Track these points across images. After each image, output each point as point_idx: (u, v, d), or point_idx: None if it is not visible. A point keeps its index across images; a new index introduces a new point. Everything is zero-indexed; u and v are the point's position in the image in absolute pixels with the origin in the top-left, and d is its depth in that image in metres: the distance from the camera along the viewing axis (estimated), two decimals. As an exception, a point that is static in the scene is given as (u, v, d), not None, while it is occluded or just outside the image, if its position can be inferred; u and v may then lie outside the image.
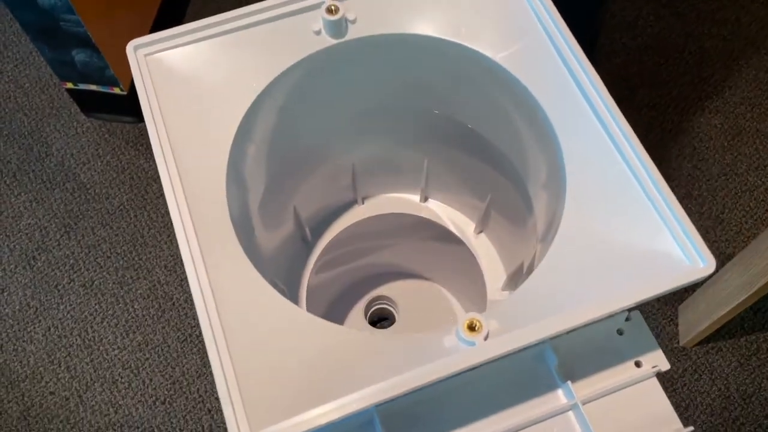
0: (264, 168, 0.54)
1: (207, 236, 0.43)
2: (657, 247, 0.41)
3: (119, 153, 1.52)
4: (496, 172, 0.59)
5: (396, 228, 0.74)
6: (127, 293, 1.38)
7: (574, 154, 0.44)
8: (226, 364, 0.38)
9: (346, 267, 0.84)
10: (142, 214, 1.46)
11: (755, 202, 1.45)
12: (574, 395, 0.45)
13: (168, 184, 0.44)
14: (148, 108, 0.46)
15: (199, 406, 1.28)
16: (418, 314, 0.90)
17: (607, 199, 0.43)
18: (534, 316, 0.38)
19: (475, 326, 0.38)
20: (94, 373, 1.31)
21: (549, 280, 0.41)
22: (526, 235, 0.56)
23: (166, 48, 0.49)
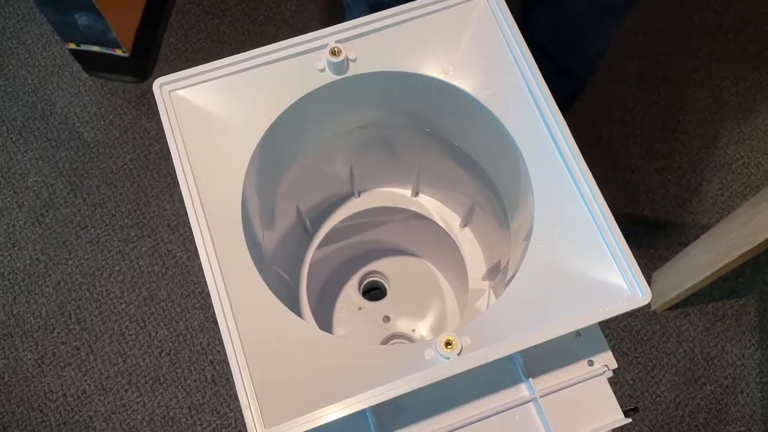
0: (274, 181, 0.61)
1: (226, 257, 0.50)
2: (606, 278, 0.48)
3: (122, 113, 1.56)
4: (479, 182, 0.65)
5: (389, 218, 0.81)
6: (132, 250, 1.45)
7: (542, 190, 0.51)
8: (245, 374, 0.46)
9: (342, 244, 0.91)
10: (145, 174, 1.51)
11: (732, 175, 1.52)
12: (534, 390, 0.54)
13: (191, 208, 0.50)
14: (173, 139, 0.52)
15: (202, 357, 1.38)
16: (408, 288, 0.98)
17: (567, 233, 0.50)
18: (501, 334, 0.46)
19: (451, 343, 0.46)
20: (103, 325, 1.40)
21: (514, 303, 0.48)
22: (505, 237, 0.63)
23: (188, 85, 0.54)
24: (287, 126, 0.55)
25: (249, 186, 0.54)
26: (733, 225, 1.08)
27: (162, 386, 1.36)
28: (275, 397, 0.45)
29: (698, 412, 1.34)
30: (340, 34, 0.55)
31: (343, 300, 0.96)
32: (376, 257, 0.96)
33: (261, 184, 0.57)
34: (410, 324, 0.96)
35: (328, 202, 0.77)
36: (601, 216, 0.49)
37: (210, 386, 1.36)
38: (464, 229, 0.77)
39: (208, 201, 0.51)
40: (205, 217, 0.50)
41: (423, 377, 0.45)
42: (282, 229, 0.72)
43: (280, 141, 0.56)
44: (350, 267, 0.97)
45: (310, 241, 0.77)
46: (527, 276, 0.49)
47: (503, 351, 0.46)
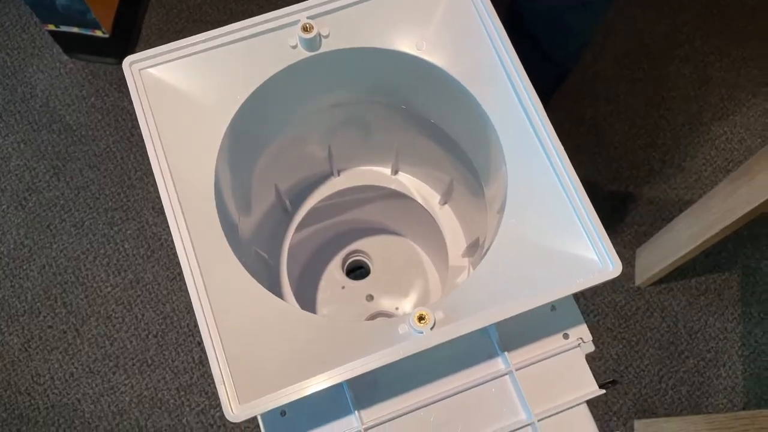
0: (249, 162, 0.61)
1: (200, 237, 0.50)
2: (577, 251, 0.48)
3: (103, 95, 1.55)
4: (455, 159, 0.65)
5: (370, 197, 0.81)
6: (117, 233, 1.45)
7: (515, 164, 0.51)
8: (218, 349, 0.46)
9: (324, 224, 0.91)
10: (128, 157, 1.50)
11: (716, 150, 1.53)
12: (510, 363, 0.54)
13: (163, 189, 0.50)
14: (143, 118, 0.52)
15: (189, 339, 1.38)
16: (391, 266, 0.98)
17: (540, 207, 0.50)
18: (474, 309, 0.46)
19: (424, 317, 0.46)
20: (89, 308, 1.40)
21: (488, 277, 0.48)
22: (482, 213, 0.63)
23: (158, 63, 0.54)
24: (260, 104, 0.55)
25: (222, 166, 0.54)
26: (715, 200, 1.09)
27: (150, 368, 1.36)
28: (249, 373, 0.46)
29: (681, 385, 1.36)
30: (312, 10, 0.54)
31: (327, 279, 0.96)
32: (359, 236, 0.97)
33: (235, 164, 0.57)
34: (393, 302, 0.96)
35: (307, 181, 0.77)
36: (573, 189, 0.50)
37: (198, 367, 1.37)
38: (444, 207, 0.77)
39: (181, 182, 0.50)
40: (177, 199, 0.49)
41: (395, 351, 0.45)
42: (261, 210, 0.72)
43: (253, 120, 0.56)
44: (333, 246, 0.97)
45: (290, 221, 0.77)
46: (500, 249, 0.49)
47: (476, 324, 0.46)
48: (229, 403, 0.45)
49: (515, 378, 0.54)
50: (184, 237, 0.50)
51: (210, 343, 0.47)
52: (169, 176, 0.51)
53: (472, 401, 0.54)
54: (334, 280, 0.97)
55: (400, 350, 0.45)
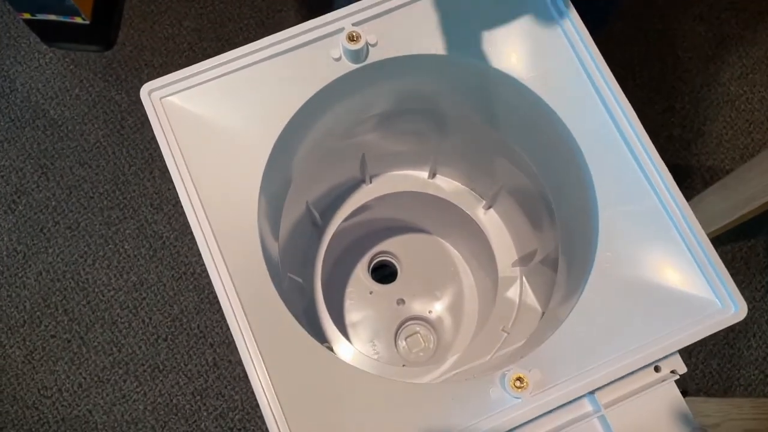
0: (283, 186, 0.53)
1: (246, 285, 0.43)
2: (689, 289, 0.42)
3: (88, 85, 1.45)
4: (512, 167, 0.58)
5: (403, 203, 0.74)
6: (116, 234, 1.37)
7: (605, 186, 0.44)
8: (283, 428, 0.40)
9: (350, 226, 0.84)
10: (120, 151, 1.42)
11: (736, 112, 1.47)
12: (599, 403, 0.48)
13: (199, 233, 0.43)
14: (170, 153, 0.44)
15: (201, 341, 1.32)
16: (421, 267, 0.92)
17: (640, 238, 0.43)
18: (574, 365, 0.40)
19: (522, 380, 0.40)
20: (93, 314, 1.33)
21: (584, 324, 0.42)
22: (542, 228, 0.57)
23: (181, 89, 0.46)
24: (299, 127, 0.47)
25: (262, 200, 0.47)
26: (753, 173, 1.03)
27: (162, 373, 1.30)
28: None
29: (711, 358, 1.32)
30: (357, 15, 0.47)
31: (354, 284, 0.90)
32: (385, 237, 0.90)
33: (272, 192, 0.50)
34: (425, 305, 0.90)
35: (337, 190, 0.70)
36: (680, 215, 0.43)
37: (212, 370, 1.31)
38: (489, 212, 0.71)
39: (218, 223, 0.43)
40: (217, 245, 0.42)
41: (495, 427, 0.39)
42: (290, 226, 0.65)
43: (292, 144, 0.48)
44: (359, 249, 0.91)
45: (321, 237, 0.70)
46: (596, 291, 0.43)
47: (580, 390, 0.40)
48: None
49: (606, 420, 0.48)
50: (228, 288, 0.43)
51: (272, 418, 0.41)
52: (204, 217, 0.44)
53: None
54: (362, 285, 0.91)
55: (502, 425, 0.39)
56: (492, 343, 0.68)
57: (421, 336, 0.91)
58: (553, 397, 0.40)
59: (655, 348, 0.41)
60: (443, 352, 0.88)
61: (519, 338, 0.66)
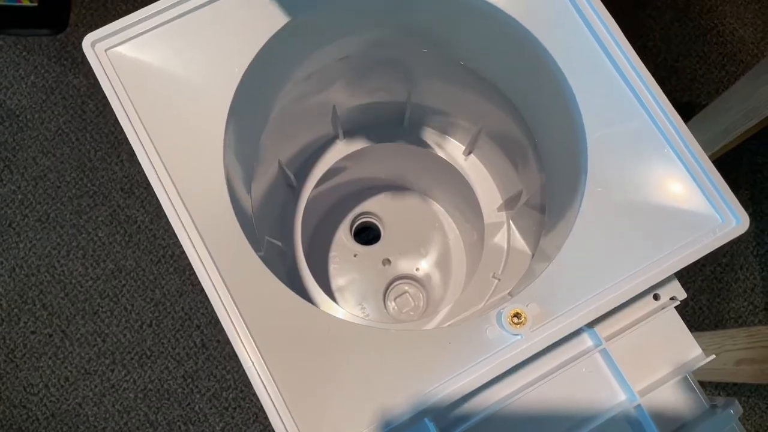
0: (251, 139, 0.50)
1: (219, 246, 0.40)
2: (687, 206, 0.40)
3: (43, 71, 1.39)
4: (490, 105, 0.56)
5: (380, 156, 0.71)
6: (88, 222, 1.33)
7: (591, 108, 0.42)
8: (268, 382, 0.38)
9: (329, 191, 0.81)
10: (84, 137, 1.37)
11: (708, 46, 1.45)
12: (599, 337, 0.47)
13: (161, 189, 0.40)
14: (122, 110, 0.41)
15: (187, 323, 1.29)
16: (404, 225, 0.90)
17: (632, 159, 0.41)
18: (570, 296, 0.38)
19: (520, 316, 0.38)
20: (72, 306, 1.29)
21: (579, 254, 0.40)
22: (526, 167, 0.55)
23: (129, 38, 0.42)
24: (261, 72, 0.44)
25: (228, 153, 0.44)
26: (732, 102, 1.01)
27: (150, 360, 1.28)
28: (313, 412, 0.37)
29: (701, 294, 1.33)
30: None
31: (337, 248, 0.87)
32: (365, 197, 0.87)
33: (239, 145, 0.47)
34: (412, 263, 0.88)
35: (311, 148, 0.66)
36: (673, 130, 0.41)
37: (201, 351, 1.29)
38: (469, 157, 0.68)
39: (184, 183, 0.40)
40: (184, 206, 0.39)
41: (496, 366, 0.37)
42: (264, 188, 0.62)
43: (254, 91, 0.45)
44: (339, 211, 0.88)
45: (298, 198, 0.67)
46: (588, 219, 0.41)
47: (581, 320, 0.38)
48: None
49: (608, 354, 0.46)
50: (201, 252, 0.40)
51: (258, 378, 0.38)
52: (168, 179, 0.41)
53: (562, 387, 0.46)
54: (346, 248, 0.88)
55: (502, 363, 0.37)
56: (483, 291, 0.66)
57: (410, 295, 0.89)
58: (554, 331, 0.38)
59: (656, 270, 0.39)
60: (434, 309, 0.86)
61: (510, 283, 0.64)
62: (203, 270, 0.40)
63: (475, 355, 0.37)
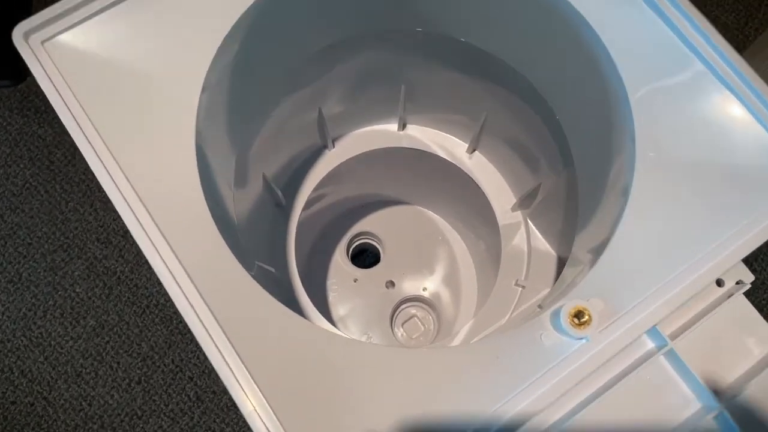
0: (229, 140, 0.43)
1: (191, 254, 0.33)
2: (764, 161, 0.34)
3: (5, 123, 1.32)
4: (497, 86, 0.49)
5: (375, 167, 0.64)
6: (63, 278, 1.24)
7: (630, 62, 0.35)
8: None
9: (321, 211, 0.74)
10: (53, 188, 1.29)
11: None
12: (664, 336, 0.39)
13: (131, 218, 0.32)
14: (68, 113, 0.34)
15: (179, 376, 1.20)
16: (405, 242, 0.83)
17: (687, 116, 0.35)
18: (639, 285, 0.31)
19: (584, 314, 0.30)
20: (53, 371, 1.20)
21: (640, 232, 0.33)
22: (544, 157, 0.48)
23: (71, 25, 0.35)
24: (232, 61, 0.37)
25: (202, 162, 0.36)
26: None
27: (141, 420, 1.18)
28: None
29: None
30: None
31: (335, 274, 0.80)
32: (360, 216, 0.80)
33: (216, 153, 0.39)
34: (418, 283, 0.81)
35: (297, 160, 0.59)
36: (734, 75, 0.34)
37: (196, 405, 1.19)
38: (474, 155, 0.61)
39: (154, 200, 0.33)
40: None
41: (563, 380, 0.29)
42: (249, 208, 0.55)
43: (227, 84, 0.38)
44: (334, 234, 0.81)
45: (288, 219, 0.60)
46: (644, 194, 0.34)
47: (654, 314, 0.31)
48: None
49: (676, 354, 0.39)
50: (181, 280, 0.33)
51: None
52: (133, 195, 0.33)
53: (623, 403, 0.39)
54: (344, 273, 0.81)
55: (570, 376, 0.29)
56: (506, 302, 0.58)
57: (418, 319, 0.81)
58: (625, 330, 0.31)
59: (733, 246, 0.32)
60: (447, 331, 0.78)
61: (538, 288, 0.57)
62: (185, 301, 0.32)
63: (534, 368, 0.30)
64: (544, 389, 0.30)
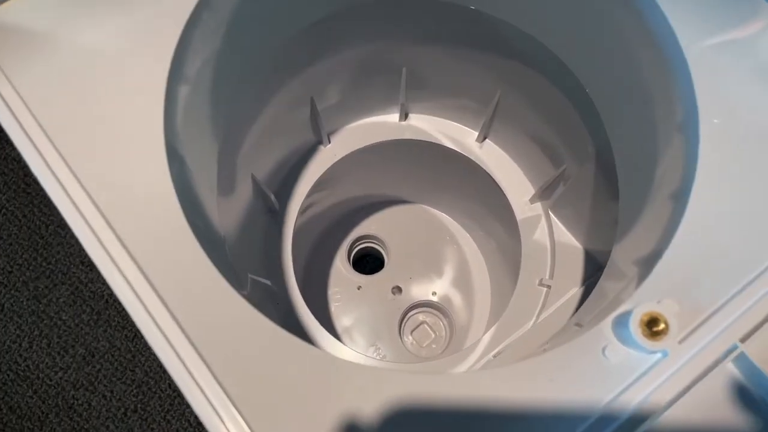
0: (210, 139, 0.37)
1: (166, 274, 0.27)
2: None
3: (-23, 148, 1.25)
4: (511, 61, 0.43)
5: (375, 160, 0.59)
6: (48, 305, 1.18)
7: (684, 14, 0.29)
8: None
9: (319, 214, 0.68)
10: (31, 212, 1.22)
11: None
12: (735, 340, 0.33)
13: (67, 206, 0.26)
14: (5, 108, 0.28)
15: (177, 401, 1.14)
16: (410, 244, 0.77)
17: (757, 68, 0.29)
18: (719, 282, 0.26)
19: (658, 322, 0.24)
20: (43, 404, 1.13)
21: (712, 217, 0.28)
22: (570, 133, 0.42)
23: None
24: (206, 37, 0.31)
25: (177, 166, 0.30)
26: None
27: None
28: None
29: None
30: None
31: (337, 282, 0.74)
32: (361, 218, 0.75)
33: (194, 157, 0.33)
34: (426, 287, 0.75)
35: (289, 160, 0.53)
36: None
37: (197, 430, 1.13)
38: (484, 144, 0.56)
39: (114, 207, 0.27)
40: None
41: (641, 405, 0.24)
42: (238, 215, 0.48)
43: (200, 67, 0.32)
44: (333, 239, 0.75)
45: (282, 224, 0.54)
46: (712, 169, 0.28)
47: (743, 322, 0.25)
48: None
49: (747, 357, 0.33)
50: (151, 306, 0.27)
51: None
52: (91, 207, 0.27)
53: (687, 420, 0.33)
54: (347, 281, 0.75)
55: (650, 400, 0.23)
56: (532, 304, 0.53)
57: (428, 326, 0.75)
58: (711, 339, 0.25)
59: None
60: (460, 337, 0.72)
61: (566, 287, 0.51)
62: (159, 336, 0.26)
63: (600, 393, 0.24)
64: (622, 419, 0.24)
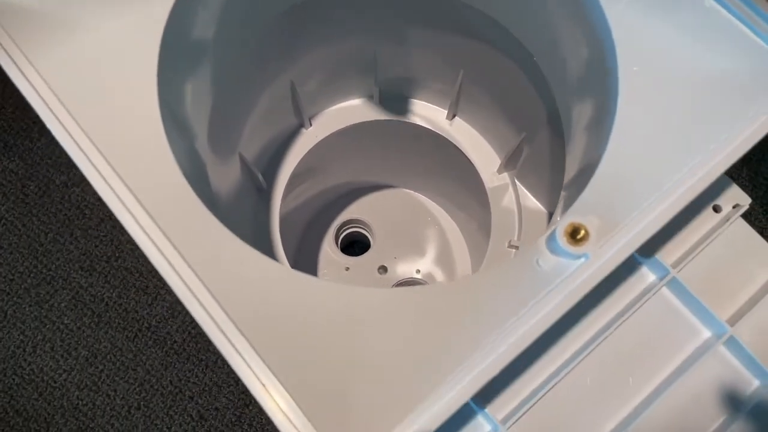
0: (202, 108, 0.41)
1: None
2: (746, 62, 0.32)
3: (-25, 161, 1.29)
4: (470, 40, 0.48)
5: (354, 141, 0.63)
6: (50, 311, 1.21)
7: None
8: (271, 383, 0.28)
9: (305, 196, 0.73)
10: (30, 221, 1.26)
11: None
12: (666, 266, 0.38)
13: (85, 162, 0.31)
14: (14, 67, 0.32)
15: (179, 397, 1.17)
16: (394, 226, 0.81)
17: (667, 18, 0.33)
18: (632, 199, 0.30)
19: (580, 231, 0.29)
20: (49, 406, 1.16)
21: (623, 158, 0.32)
22: (525, 107, 0.47)
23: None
24: (194, 15, 0.36)
25: (172, 133, 0.35)
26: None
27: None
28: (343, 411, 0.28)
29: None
30: None
31: (325, 265, 0.78)
32: (345, 203, 0.79)
33: (184, 127, 0.38)
34: (411, 266, 0.79)
35: (274, 143, 0.58)
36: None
37: (200, 424, 1.17)
38: (454, 121, 0.60)
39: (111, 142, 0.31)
40: (110, 166, 0.30)
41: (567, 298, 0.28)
42: (230, 189, 0.53)
43: (189, 46, 0.37)
44: (320, 224, 0.79)
45: (270, 205, 0.58)
46: (630, 112, 0.33)
47: (650, 226, 0.29)
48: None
49: (680, 283, 0.38)
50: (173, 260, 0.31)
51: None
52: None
53: (630, 340, 0.37)
54: (335, 263, 0.79)
55: (573, 294, 0.28)
56: (502, 265, 0.57)
57: (415, 303, 0.79)
58: (624, 243, 0.29)
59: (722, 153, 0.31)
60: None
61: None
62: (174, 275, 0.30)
63: (533, 292, 0.28)
64: (546, 310, 0.28)
